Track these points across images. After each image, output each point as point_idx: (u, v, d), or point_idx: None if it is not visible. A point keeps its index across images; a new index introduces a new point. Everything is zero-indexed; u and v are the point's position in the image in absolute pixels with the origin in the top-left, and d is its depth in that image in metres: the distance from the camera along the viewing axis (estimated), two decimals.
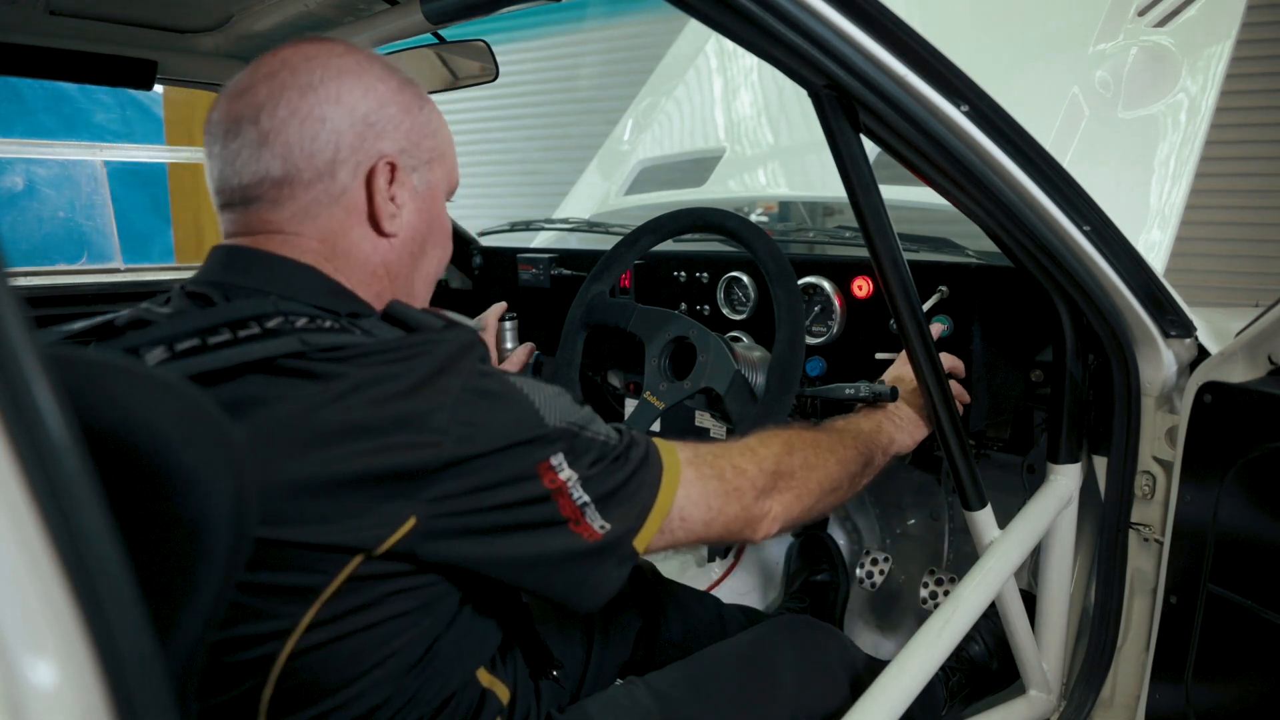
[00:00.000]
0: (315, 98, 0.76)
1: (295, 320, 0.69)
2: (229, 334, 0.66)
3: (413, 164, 0.82)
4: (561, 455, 0.73)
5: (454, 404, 0.68)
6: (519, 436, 0.71)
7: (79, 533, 0.31)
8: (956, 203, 1.04)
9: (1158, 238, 1.52)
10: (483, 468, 0.68)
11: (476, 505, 0.69)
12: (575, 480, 0.73)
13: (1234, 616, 1.07)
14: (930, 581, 1.72)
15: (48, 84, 5.64)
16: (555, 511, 0.72)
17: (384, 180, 0.79)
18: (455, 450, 0.67)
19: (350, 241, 0.79)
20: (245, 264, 0.76)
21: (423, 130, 0.83)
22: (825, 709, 1.07)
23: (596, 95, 5.01)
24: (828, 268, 1.51)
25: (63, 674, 0.29)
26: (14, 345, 0.31)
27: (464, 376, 0.70)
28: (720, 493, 0.85)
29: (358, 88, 0.78)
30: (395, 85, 0.81)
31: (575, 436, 0.75)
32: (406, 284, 0.86)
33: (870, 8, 0.81)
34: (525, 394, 0.74)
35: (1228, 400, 1.08)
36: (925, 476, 1.88)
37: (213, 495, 0.50)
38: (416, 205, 0.83)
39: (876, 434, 1.12)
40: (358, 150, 0.77)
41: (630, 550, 0.77)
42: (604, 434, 0.78)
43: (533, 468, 0.71)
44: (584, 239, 2.17)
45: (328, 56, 0.78)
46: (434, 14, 1.25)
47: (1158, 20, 1.74)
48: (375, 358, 0.68)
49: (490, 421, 0.70)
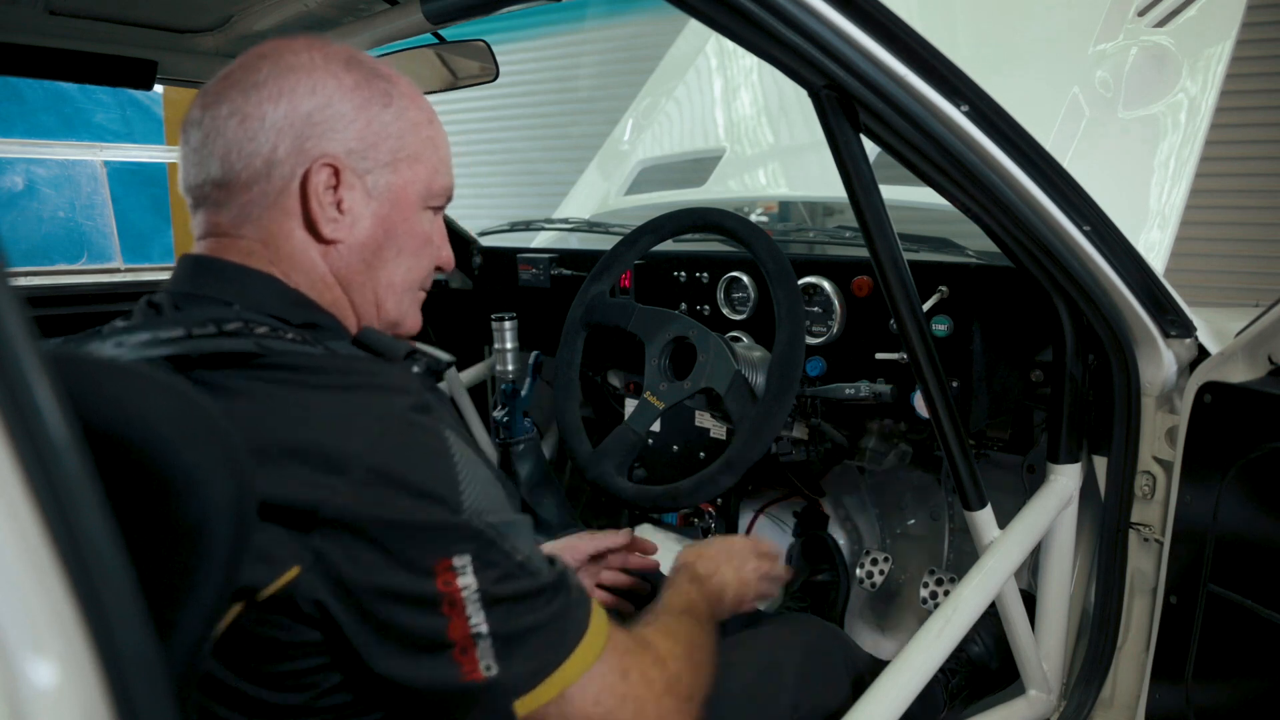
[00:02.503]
0: (258, 95, 0.72)
1: (255, 327, 0.66)
2: (183, 331, 0.64)
3: (366, 166, 0.75)
4: (468, 558, 0.62)
5: (368, 447, 0.61)
6: (424, 515, 0.61)
7: (79, 533, 0.31)
8: (956, 203, 1.04)
9: (1158, 238, 1.52)
10: (377, 533, 0.60)
11: (357, 579, 0.60)
12: (475, 596, 0.61)
13: (1234, 616, 1.07)
14: (930, 581, 1.72)
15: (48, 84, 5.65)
16: (441, 630, 0.61)
17: (321, 182, 0.73)
18: (353, 500, 0.59)
19: (293, 247, 0.74)
20: (207, 273, 0.73)
21: (384, 130, 0.76)
22: (827, 708, 1.07)
23: (596, 95, 5.01)
24: (828, 268, 1.51)
25: (63, 674, 0.29)
26: (14, 345, 0.31)
27: (390, 419, 0.63)
28: (627, 698, 0.69)
29: (303, 85, 0.72)
30: (352, 82, 0.74)
31: (490, 544, 0.63)
32: (365, 294, 0.79)
33: (870, 8, 0.81)
34: (454, 464, 0.64)
35: (1228, 400, 1.08)
36: (925, 476, 1.88)
37: (212, 495, 0.50)
38: (373, 210, 0.76)
39: (719, 604, 0.99)
40: (297, 150, 0.72)
41: (508, 712, 0.63)
42: (527, 555, 0.66)
43: (428, 560, 0.61)
44: (584, 239, 2.17)
45: (281, 53, 0.74)
46: (434, 14, 1.25)
47: (1158, 20, 1.74)
48: (315, 376, 0.64)
49: (402, 479, 0.61)
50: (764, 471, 1.94)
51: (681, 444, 1.59)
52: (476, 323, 2.11)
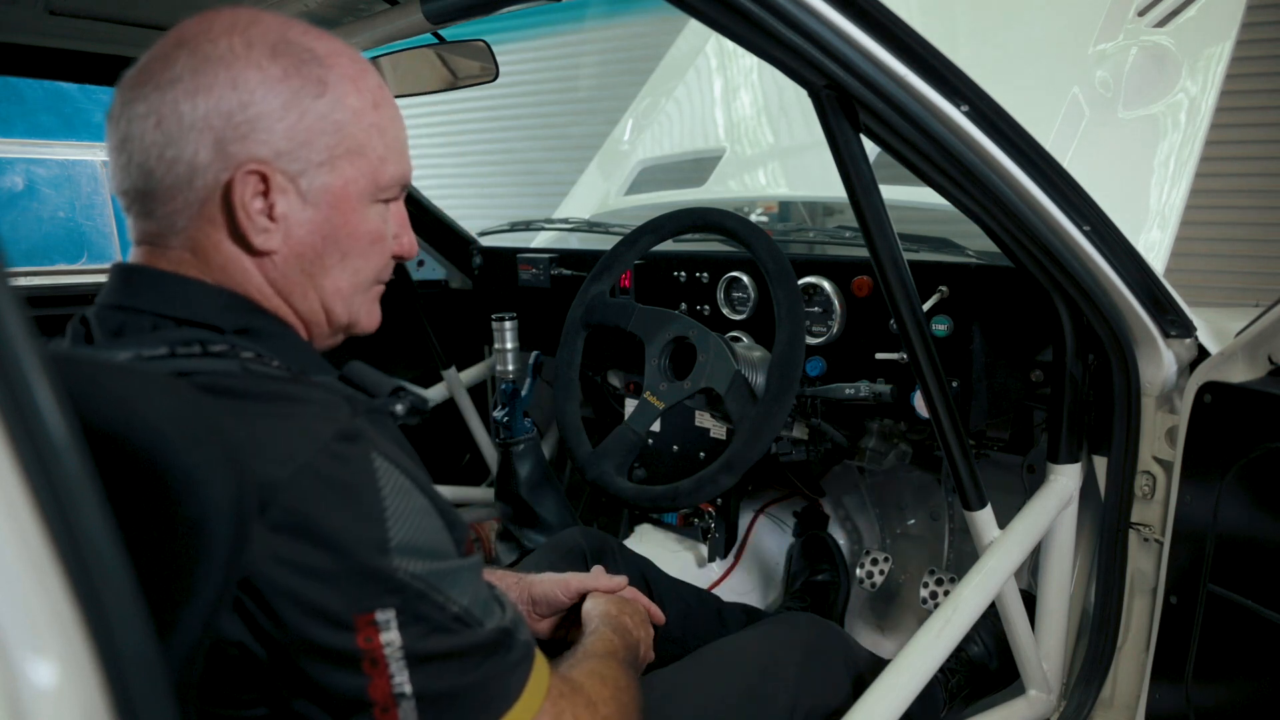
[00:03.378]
0: (174, 93, 0.64)
1: (180, 347, 0.62)
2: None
3: (299, 167, 0.67)
4: (392, 612, 0.57)
5: (282, 484, 0.55)
6: (342, 564, 0.55)
7: (79, 533, 0.31)
8: (956, 203, 1.04)
9: (1158, 238, 1.52)
10: (293, 584, 0.54)
11: (272, 627, 0.55)
12: (399, 654, 0.57)
13: (1234, 616, 1.07)
14: (930, 581, 1.72)
15: (48, 84, 5.64)
16: (361, 689, 0.56)
17: (247, 192, 0.65)
18: (266, 547, 0.54)
19: (224, 257, 0.68)
20: (135, 284, 0.68)
21: (318, 124, 0.67)
22: (827, 707, 1.07)
23: (596, 95, 5.00)
24: (828, 268, 1.51)
25: (63, 674, 0.29)
26: (14, 345, 0.31)
27: (307, 450, 0.56)
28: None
29: (222, 79, 0.64)
30: (278, 72, 0.65)
31: (419, 596, 0.58)
32: (309, 303, 0.72)
33: (870, 8, 0.81)
34: (381, 501, 0.58)
35: (1228, 400, 1.08)
36: (925, 476, 1.88)
37: (213, 495, 0.50)
38: (309, 215, 0.68)
39: (635, 653, 0.96)
40: (220, 155, 0.65)
41: None
42: (464, 607, 0.60)
43: (347, 614, 0.56)
44: (584, 239, 2.17)
45: (199, 41, 0.65)
46: (434, 14, 1.25)
47: (1158, 20, 1.74)
48: (225, 400, 0.58)
49: (318, 524, 0.55)
50: (764, 471, 1.95)
51: (681, 444, 1.59)
52: (476, 323, 2.12)
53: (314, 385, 0.63)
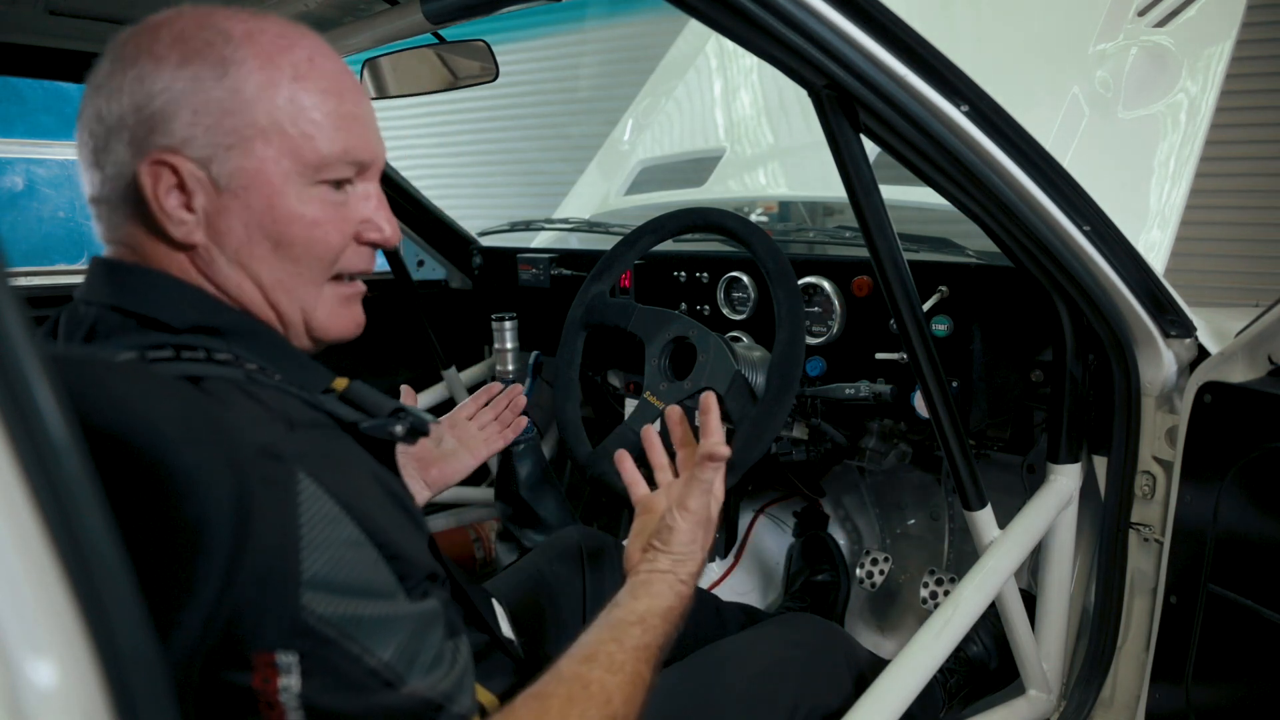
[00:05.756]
0: (100, 98, 0.64)
1: (122, 353, 0.61)
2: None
3: (207, 153, 0.63)
4: (294, 656, 0.51)
5: (227, 488, 0.51)
6: (241, 595, 0.50)
7: (79, 533, 0.31)
8: (956, 203, 1.04)
9: (1158, 238, 1.52)
10: (196, 605, 0.50)
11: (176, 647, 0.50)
12: (295, 703, 0.51)
13: (1234, 616, 1.07)
14: (930, 581, 1.72)
15: (48, 84, 5.64)
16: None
17: (160, 185, 0.63)
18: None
19: (160, 257, 0.66)
20: (103, 277, 0.67)
21: (221, 106, 0.63)
22: (828, 707, 1.07)
23: (596, 95, 5.00)
24: (828, 268, 1.51)
25: (63, 674, 0.29)
26: (14, 345, 0.31)
27: (246, 457, 0.53)
28: None
29: (130, 76, 0.63)
30: (177, 58, 0.63)
31: (327, 644, 0.52)
32: (255, 298, 0.68)
33: (870, 8, 0.81)
34: (296, 531, 0.53)
35: (1228, 400, 1.08)
36: (925, 476, 1.88)
37: (213, 495, 0.50)
38: (228, 203, 0.65)
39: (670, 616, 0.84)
40: (136, 152, 0.63)
41: None
42: (385, 661, 0.54)
43: (247, 649, 0.51)
44: (584, 239, 2.17)
45: (120, 44, 0.65)
46: (434, 14, 1.25)
47: (1158, 20, 1.74)
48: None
49: (254, 532, 0.51)
50: (764, 471, 1.95)
51: None
52: (476, 323, 2.11)
53: (240, 395, 0.59)
